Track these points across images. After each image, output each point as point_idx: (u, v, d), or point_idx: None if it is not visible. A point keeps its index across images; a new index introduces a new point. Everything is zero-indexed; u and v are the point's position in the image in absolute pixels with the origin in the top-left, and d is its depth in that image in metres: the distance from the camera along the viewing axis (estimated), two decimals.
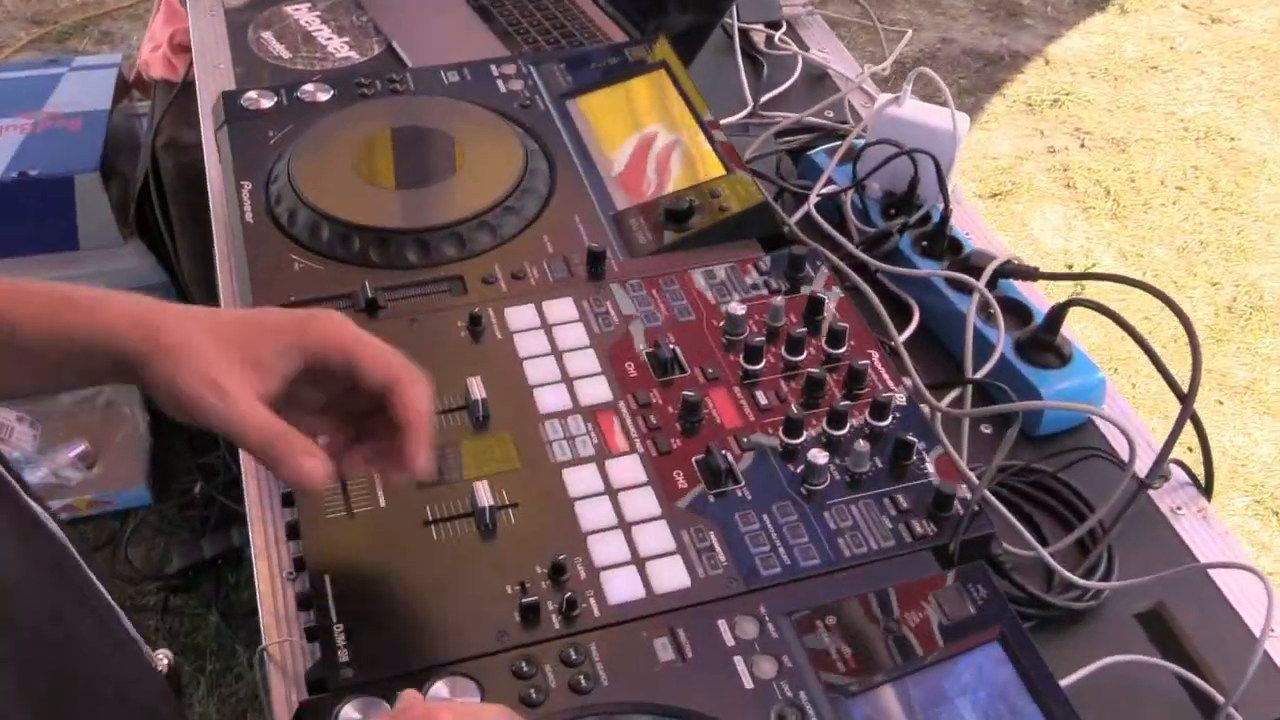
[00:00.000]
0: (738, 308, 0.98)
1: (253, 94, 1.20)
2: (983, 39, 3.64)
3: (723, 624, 0.79)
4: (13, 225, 2.19)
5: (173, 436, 2.24)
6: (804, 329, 0.97)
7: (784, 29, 1.57)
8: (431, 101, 1.21)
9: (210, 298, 1.54)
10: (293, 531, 0.85)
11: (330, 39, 1.50)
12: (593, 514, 0.85)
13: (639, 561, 0.82)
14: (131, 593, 2.15)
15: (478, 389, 0.91)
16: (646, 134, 1.19)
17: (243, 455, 0.97)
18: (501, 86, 1.24)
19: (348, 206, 1.05)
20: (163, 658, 0.79)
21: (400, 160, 1.13)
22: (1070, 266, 2.83)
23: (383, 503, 0.85)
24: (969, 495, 0.86)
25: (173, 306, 0.75)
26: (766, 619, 0.79)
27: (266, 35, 1.50)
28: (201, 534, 2.22)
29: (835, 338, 0.97)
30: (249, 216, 1.07)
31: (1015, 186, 3.11)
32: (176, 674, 0.80)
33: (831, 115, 1.41)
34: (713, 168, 1.13)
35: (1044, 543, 0.95)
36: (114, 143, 2.26)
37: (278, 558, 0.94)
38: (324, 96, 1.21)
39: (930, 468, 0.89)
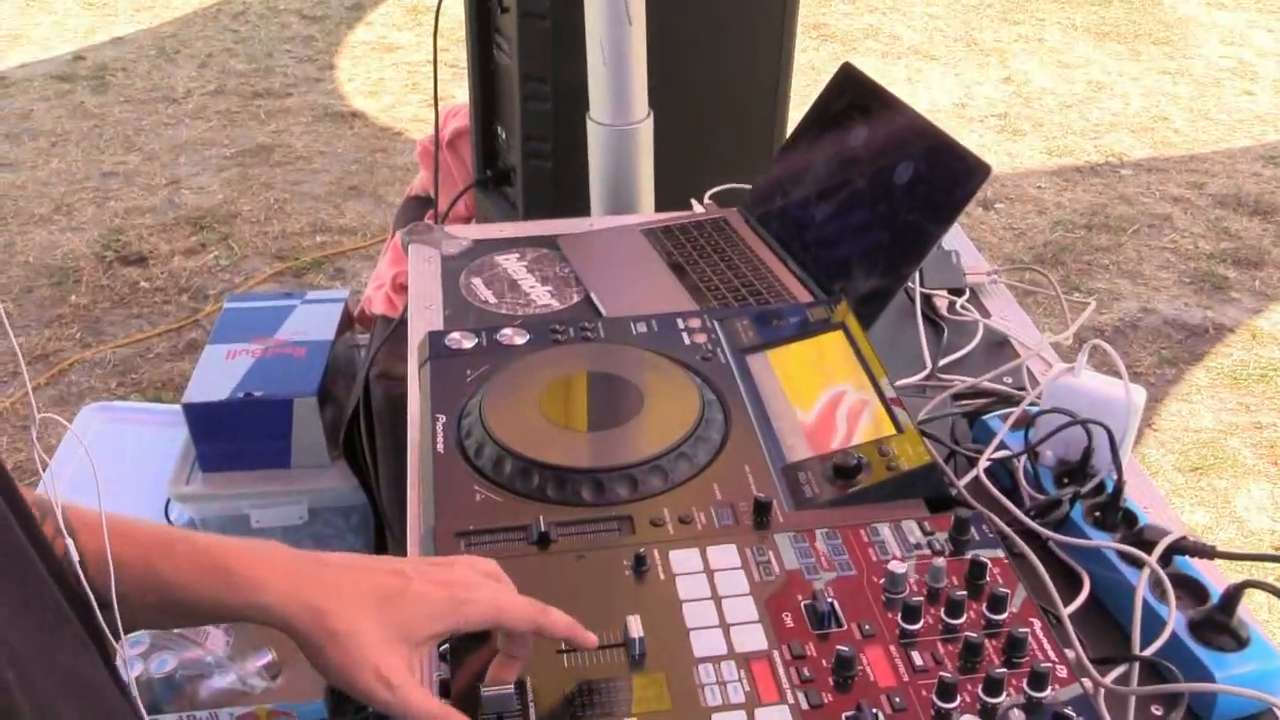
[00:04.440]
0: (899, 566, 0.99)
1: (456, 335, 1.30)
2: (1185, 310, 3.60)
3: None
4: (234, 442, 2.36)
5: None
6: (964, 592, 0.97)
7: (966, 295, 1.61)
8: (617, 350, 1.28)
9: (404, 522, 1.63)
10: None
11: (534, 287, 1.61)
12: None
13: None
14: None
15: (636, 627, 0.94)
16: (821, 391, 1.23)
17: None
18: (686, 339, 1.30)
19: (530, 444, 1.12)
20: None
21: (583, 403, 1.19)
22: (1278, 549, 2.69)
23: None
24: None
25: (332, 578, 0.85)
26: None
27: (476, 281, 1.63)
28: None
29: (996, 603, 0.96)
30: (440, 447, 1.15)
31: (1218, 461, 3.01)
32: None
33: (1009, 381, 1.42)
34: (884, 426, 1.16)
35: None
36: (333, 370, 2.42)
37: None
38: (520, 340, 1.30)
39: None
